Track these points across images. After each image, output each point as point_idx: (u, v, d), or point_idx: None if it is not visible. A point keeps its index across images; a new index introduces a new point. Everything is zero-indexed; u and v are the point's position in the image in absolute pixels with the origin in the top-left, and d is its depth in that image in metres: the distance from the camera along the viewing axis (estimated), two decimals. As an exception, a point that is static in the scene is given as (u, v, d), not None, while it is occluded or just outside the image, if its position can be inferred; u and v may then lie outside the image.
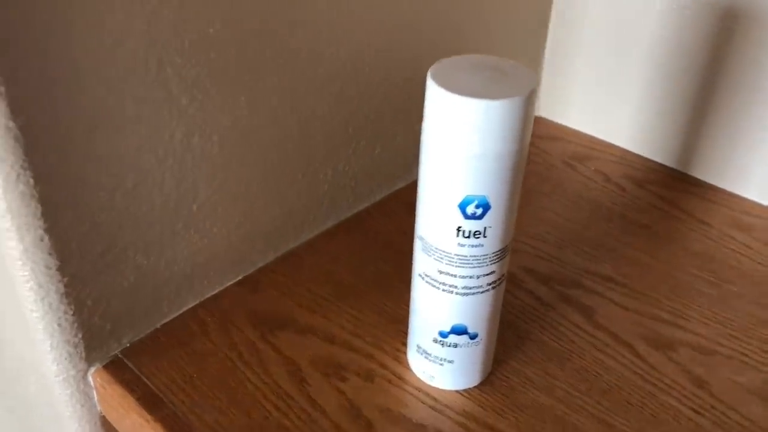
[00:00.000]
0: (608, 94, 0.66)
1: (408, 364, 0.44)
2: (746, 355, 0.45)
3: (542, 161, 0.65)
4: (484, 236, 0.35)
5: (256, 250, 0.50)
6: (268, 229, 0.50)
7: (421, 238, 0.38)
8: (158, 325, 0.46)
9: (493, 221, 0.35)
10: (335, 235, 0.55)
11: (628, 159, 0.66)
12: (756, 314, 0.48)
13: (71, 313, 0.40)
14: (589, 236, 0.56)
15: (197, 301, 0.48)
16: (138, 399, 0.41)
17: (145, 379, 0.43)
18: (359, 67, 0.50)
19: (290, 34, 0.44)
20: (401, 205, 0.58)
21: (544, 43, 0.68)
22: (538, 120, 0.72)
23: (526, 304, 0.49)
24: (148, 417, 0.40)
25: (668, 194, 0.61)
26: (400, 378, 0.43)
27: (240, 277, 0.50)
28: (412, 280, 0.41)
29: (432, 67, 0.34)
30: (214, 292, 0.49)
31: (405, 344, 0.45)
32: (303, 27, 0.45)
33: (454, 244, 0.36)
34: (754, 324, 0.48)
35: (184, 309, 0.47)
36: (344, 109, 0.51)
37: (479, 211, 0.34)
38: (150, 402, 0.41)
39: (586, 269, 0.52)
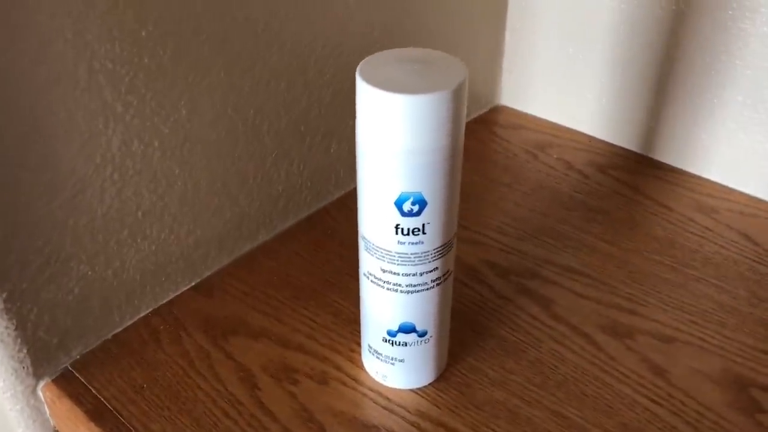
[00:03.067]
0: (570, 80, 0.66)
1: (362, 365, 0.43)
2: (704, 340, 0.45)
3: (503, 150, 0.65)
4: (424, 233, 0.35)
5: (210, 254, 0.49)
6: (221, 233, 0.49)
7: (363, 238, 0.37)
8: (109, 336, 0.45)
9: (431, 217, 0.34)
10: (294, 235, 0.54)
11: (592, 145, 0.65)
12: (714, 297, 0.48)
13: (13, 328, 0.40)
14: (550, 226, 0.55)
15: (150, 309, 0.47)
16: (86, 412, 0.41)
17: (95, 392, 0.42)
18: (306, 64, 0.49)
19: (228, 32, 0.43)
20: (360, 202, 0.57)
21: (503, 30, 0.68)
22: (500, 108, 0.71)
23: (484, 298, 0.48)
24: (96, 430, 0.40)
25: (631, 179, 0.60)
26: (354, 379, 0.42)
27: (194, 283, 0.49)
28: (359, 280, 0.40)
29: (362, 62, 0.33)
30: (168, 299, 0.48)
31: (360, 345, 0.44)
32: (243, 25, 0.44)
33: (393, 242, 0.35)
34: (712, 308, 0.47)
35: (137, 317, 0.46)
36: (293, 107, 0.50)
37: (416, 208, 0.34)
38: (98, 414, 0.40)
39: (545, 260, 0.51)
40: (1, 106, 0.35)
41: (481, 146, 0.66)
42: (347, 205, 0.57)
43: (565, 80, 0.66)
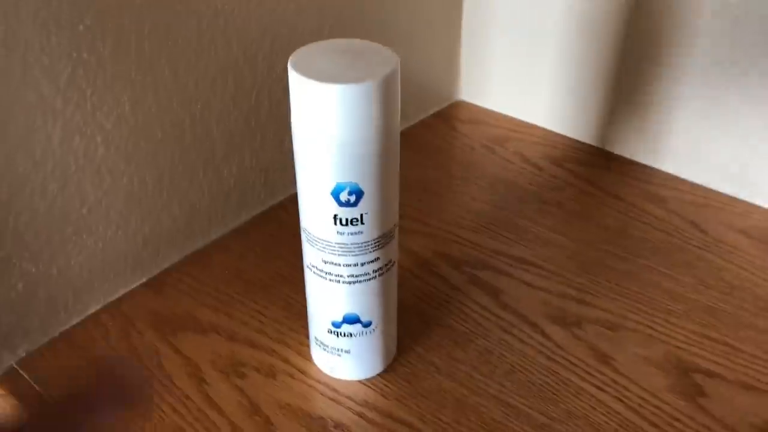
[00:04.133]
0: (526, 75, 0.66)
1: (311, 358, 0.43)
2: (651, 328, 0.45)
3: (461, 145, 0.65)
4: (362, 223, 0.35)
5: (160, 251, 0.49)
6: (171, 229, 0.49)
7: (304, 230, 0.37)
8: (57, 333, 0.45)
9: (369, 207, 0.34)
10: (247, 230, 0.54)
11: (549, 138, 0.66)
12: (663, 285, 0.48)
13: (-46, 326, 0.39)
14: (505, 218, 0.55)
15: (99, 306, 0.47)
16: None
17: (41, 390, 0.41)
18: (254, 60, 0.49)
19: (171, 28, 0.43)
20: (316, 197, 0.57)
21: (459, 27, 0.68)
22: (459, 104, 0.71)
23: (435, 289, 0.48)
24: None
25: (585, 172, 0.61)
26: (303, 372, 0.42)
27: (144, 279, 0.49)
28: (304, 273, 0.40)
29: (294, 52, 0.33)
30: (117, 296, 0.47)
31: (309, 337, 0.44)
32: (186, 20, 0.44)
33: (333, 233, 0.35)
34: (660, 296, 0.48)
35: (85, 315, 0.46)
36: (242, 102, 0.50)
37: (353, 198, 0.34)
38: (43, 413, 0.40)
39: (498, 251, 0.52)
40: (-67, 101, 0.34)
41: (441, 141, 0.66)
42: (302, 201, 0.57)
43: (522, 76, 0.66)
